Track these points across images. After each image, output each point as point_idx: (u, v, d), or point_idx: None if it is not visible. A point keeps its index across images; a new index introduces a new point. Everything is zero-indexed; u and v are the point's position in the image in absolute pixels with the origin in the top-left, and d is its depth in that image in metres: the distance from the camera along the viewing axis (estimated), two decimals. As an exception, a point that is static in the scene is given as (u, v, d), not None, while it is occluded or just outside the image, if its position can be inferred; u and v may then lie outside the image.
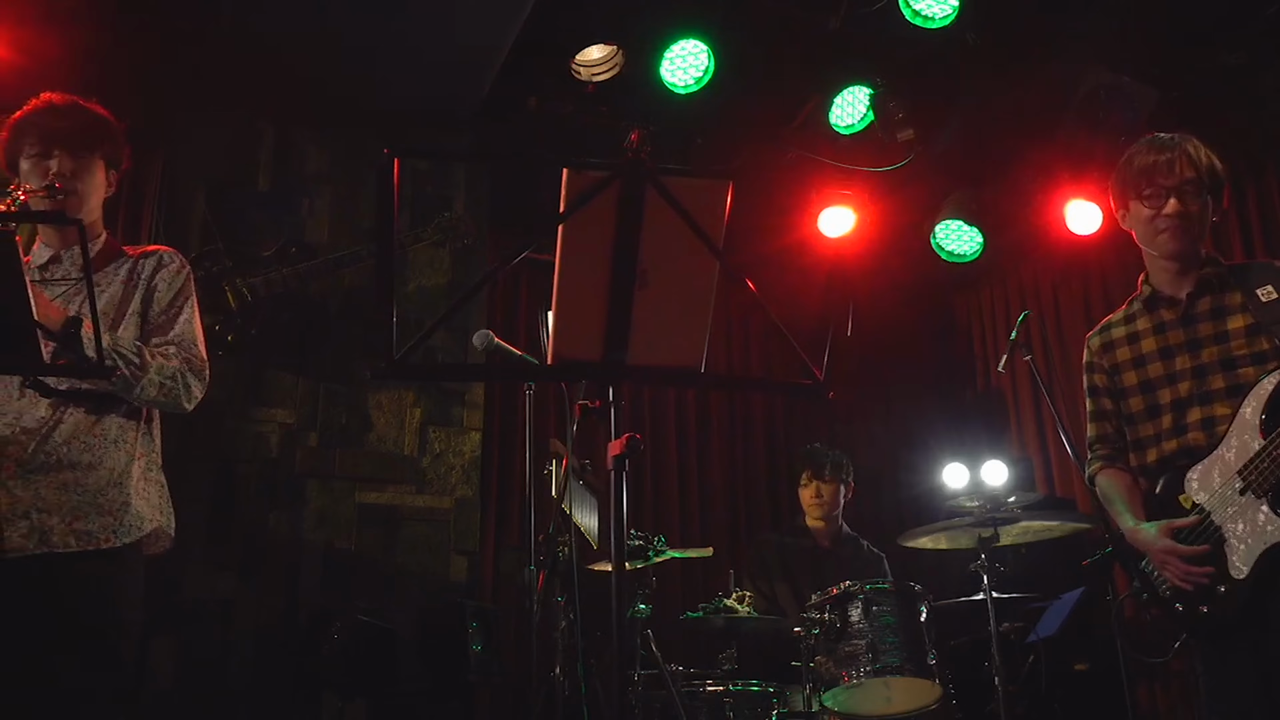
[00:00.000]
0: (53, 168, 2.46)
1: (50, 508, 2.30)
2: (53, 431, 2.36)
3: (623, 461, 1.52)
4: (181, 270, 2.60)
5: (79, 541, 2.31)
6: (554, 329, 1.58)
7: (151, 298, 2.53)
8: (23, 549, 2.26)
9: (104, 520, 2.35)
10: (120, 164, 2.64)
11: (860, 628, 3.55)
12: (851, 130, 4.93)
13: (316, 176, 4.79)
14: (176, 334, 2.51)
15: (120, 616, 2.37)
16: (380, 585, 4.35)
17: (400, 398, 4.63)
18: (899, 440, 6.17)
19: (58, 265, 2.54)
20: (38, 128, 2.49)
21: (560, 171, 4.85)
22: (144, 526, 2.44)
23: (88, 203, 2.51)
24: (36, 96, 2.54)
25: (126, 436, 2.45)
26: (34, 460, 2.33)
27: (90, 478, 2.36)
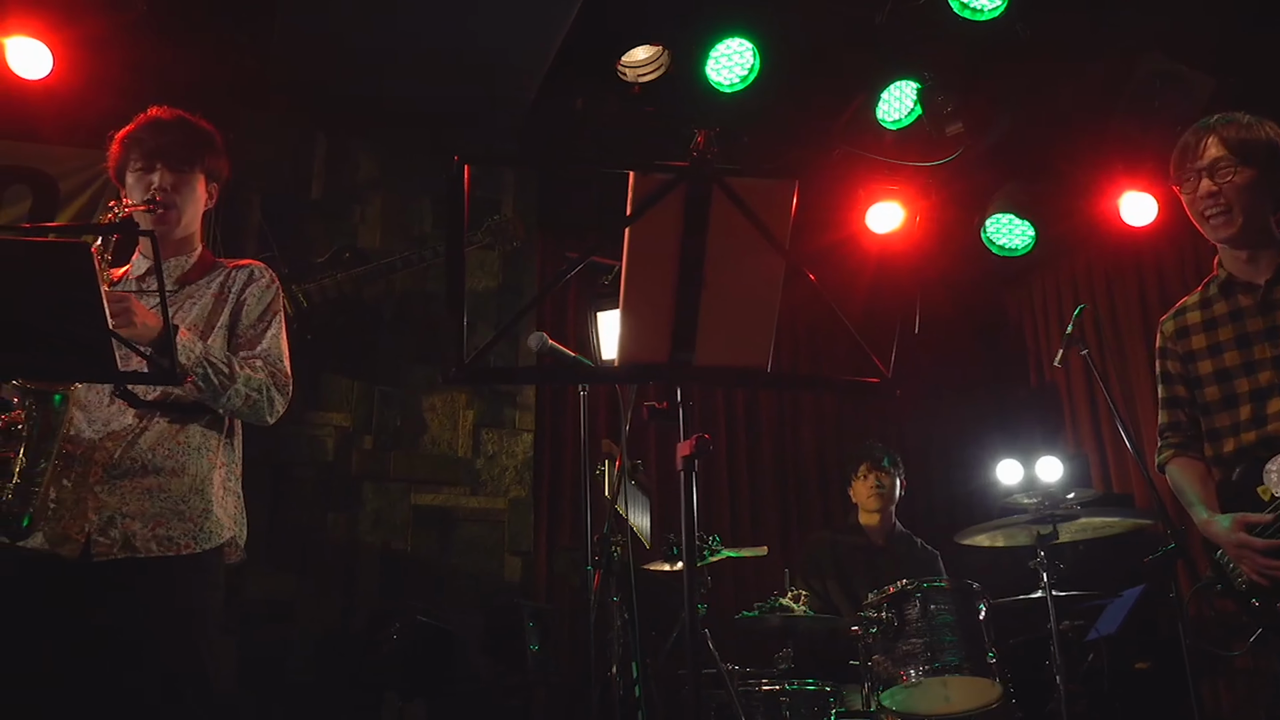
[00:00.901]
0: (154, 182, 2.52)
1: (134, 513, 2.35)
2: (139, 438, 2.41)
3: (692, 462, 1.52)
4: (271, 286, 2.64)
5: (160, 547, 2.35)
6: (621, 331, 1.59)
7: (240, 311, 2.57)
8: (108, 553, 2.31)
9: (185, 526, 2.40)
10: (221, 177, 2.70)
11: (918, 626, 3.52)
12: (899, 125, 4.90)
13: (367, 183, 4.86)
14: (264, 348, 2.55)
15: (201, 620, 2.42)
16: (436, 586, 4.41)
17: (453, 400, 4.68)
18: (950, 437, 6.12)
19: (153, 277, 2.59)
20: (142, 143, 2.55)
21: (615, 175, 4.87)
22: (223, 534, 2.48)
23: (185, 215, 2.57)
24: (144, 112, 2.60)
25: (209, 445, 2.50)
26: (120, 465, 2.37)
27: (173, 484, 2.41)
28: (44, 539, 2.29)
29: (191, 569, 2.40)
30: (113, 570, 2.31)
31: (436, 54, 4.46)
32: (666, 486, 5.33)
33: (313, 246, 4.59)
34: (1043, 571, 3.74)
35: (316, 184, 4.77)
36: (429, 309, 4.78)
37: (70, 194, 4.46)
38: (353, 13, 4.22)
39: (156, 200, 2.50)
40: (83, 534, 2.31)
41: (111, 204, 2.47)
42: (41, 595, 2.30)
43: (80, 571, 2.30)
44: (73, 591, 2.32)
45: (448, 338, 1.41)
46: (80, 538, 2.31)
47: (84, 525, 2.31)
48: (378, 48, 4.42)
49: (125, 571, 2.32)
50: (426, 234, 4.86)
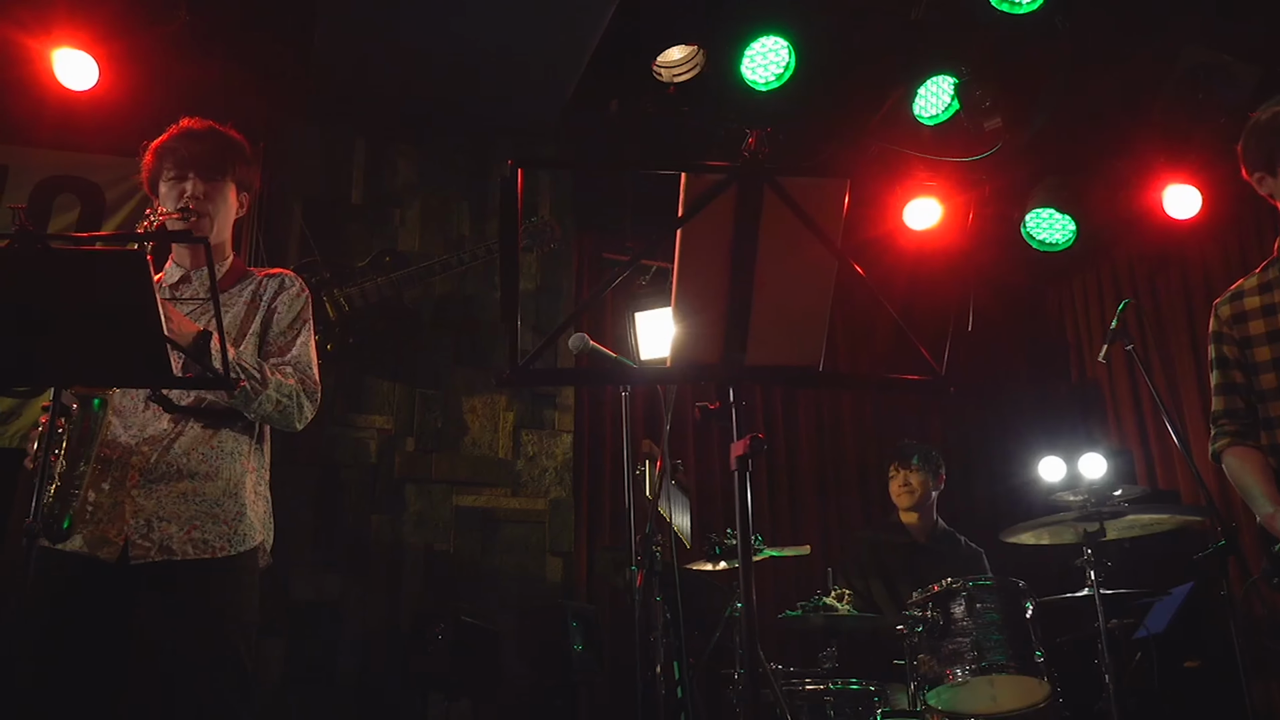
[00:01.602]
0: (187, 190, 2.56)
1: (170, 516, 2.39)
2: (174, 443, 2.45)
3: (746, 462, 1.52)
4: (301, 294, 2.68)
5: (196, 550, 2.39)
6: (674, 331, 1.60)
7: (271, 319, 2.61)
8: (145, 555, 2.35)
9: (220, 529, 2.43)
10: (251, 186, 2.74)
11: (964, 625, 3.50)
12: (936, 121, 4.87)
13: (406, 187, 4.91)
14: (294, 356, 2.58)
15: (239, 621, 2.44)
16: (479, 586, 4.44)
17: (493, 402, 4.72)
18: (991, 434, 6.06)
19: (187, 284, 2.63)
20: (175, 153, 2.59)
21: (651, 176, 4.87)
22: (255, 537, 2.51)
23: (217, 223, 2.60)
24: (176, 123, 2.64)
25: (241, 450, 2.53)
26: (156, 470, 2.42)
27: (208, 487, 2.45)
28: (83, 542, 2.33)
29: (227, 571, 2.43)
30: (151, 573, 2.36)
31: (473, 59, 4.49)
32: (704, 486, 5.33)
33: (354, 251, 4.64)
34: (1090, 569, 3.69)
35: (356, 189, 4.82)
36: (468, 311, 4.82)
37: (116, 202, 4.54)
38: (391, 20, 4.25)
39: (189, 209, 2.54)
40: (121, 537, 2.35)
41: (148, 212, 2.51)
42: (82, 597, 2.34)
43: (119, 574, 2.35)
44: (112, 593, 2.36)
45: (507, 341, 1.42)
46: (119, 540, 2.35)
47: (122, 528, 2.35)
48: (415, 53, 4.46)
49: (163, 574, 2.36)
50: (464, 236, 4.90)
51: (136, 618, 2.40)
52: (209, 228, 2.58)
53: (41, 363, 2.11)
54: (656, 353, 4.45)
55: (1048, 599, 3.84)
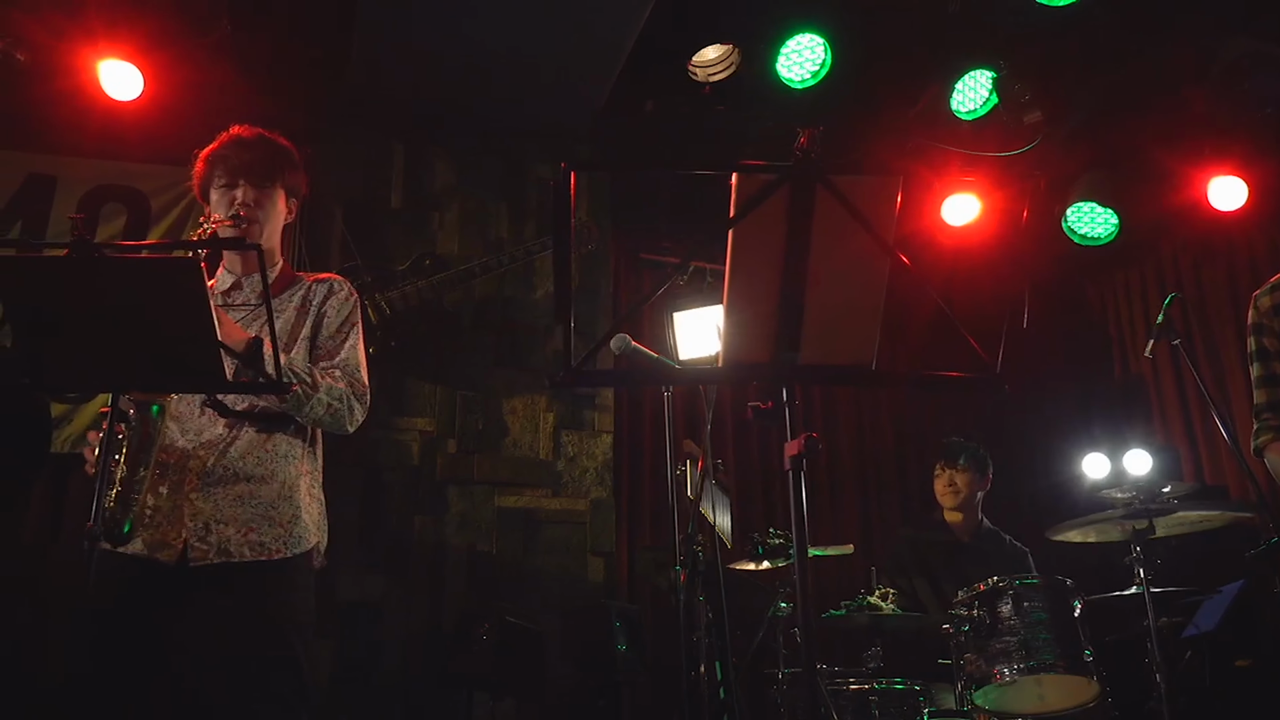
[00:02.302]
0: (238, 197, 2.59)
1: (228, 519, 2.42)
2: (230, 447, 2.48)
3: (800, 461, 1.52)
4: (350, 298, 2.70)
5: (253, 552, 2.42)
6: (725, 331, 1.60)
7: (321, 323, 2.64)
8: (204, 558, 2.38)
9: (276, 531, 2.46)
10: (299, 192, 2.76)
11: (1011, 624, 3.47)
12: (974, 115, 4.83)
13: (444, 191, 4.94)
14: (343, 359, 2.61)
15: (295, 622, 2.47)
16: (521, 586, 4.46)
17: (533, 403, 4.74)
18: (1033, 431, 6.00)
19: (239, 291, 2.67)
20: (226, 160, 2.62)
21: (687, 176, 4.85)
22: (310, 539, 2.54)
23: (266, 230, 2.63)
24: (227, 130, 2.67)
25: (295, 453, 2.56)
26: (213, 473, 2.45)
27: (263, 490, 2.48)
28: (143, 545, 2.37)
29: (283, 572, 2.46)
30: (209, 575, 2.39)
31: (509, 63, 4.52)
32: (744, 486, 5.32)
33: (394, 254, 4.68)
34: (1139, 567, 3.64)
35: (396, 194, 4.87)
36: (507, 313, 4.84)
37: (161, 210, 4.61)
38: (428, 25, 4.28)
39: (240, 215, 2.57)
40: (180, 540, 2.38)
41: (201, 220, 2.55)
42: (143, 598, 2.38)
43: (178, 576, 2.38)
44: (172, 595, 2.40)
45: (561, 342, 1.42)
46: (178, 544, 2.38)
47: (181, 531, 2.39)
48: (452, 58, 4.49)
49: (221, 576, 2.39)
50: (503, 239, 4.93)
51: (195, 619, 2.44)
52: (259, 234, 2.61)
53: (99, 369, 2.15)
54: (695, 352, 4.45)
55: (1094, 597, 3.80)
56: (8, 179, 4.46)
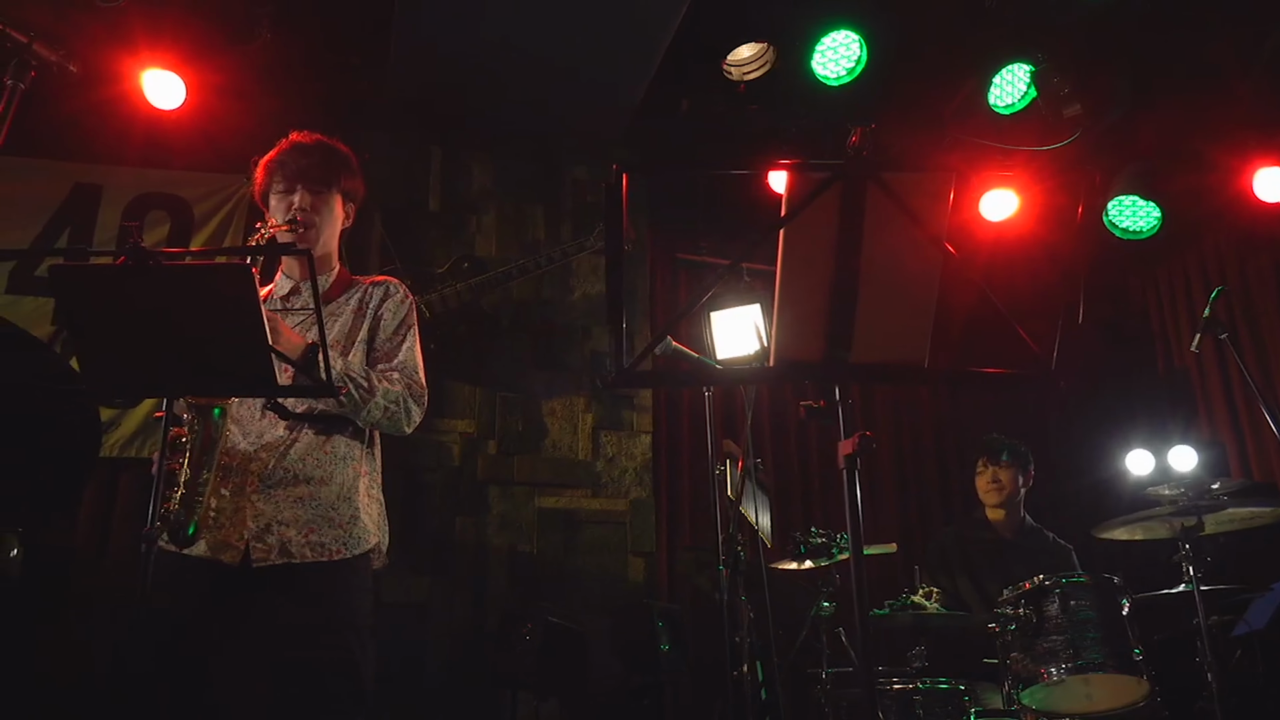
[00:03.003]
0: (294, 202, 2.62)
1: (288, 520, 2.45)
2: (289, 449, 2.51)
3: (855, 460, 1.52)
4: (405, 300, 2.72)
5: (314, 552, 2.45)
6: (776, 330, 1.59)
7: (378, 326, 2.66)
8: (266, 558, 2.41)
9: (335, 533, 2.49)
10: (357, 197, 2.79)
11: (1058, 623, 3.43)
12: (1012, 110, 4.78)
13: (481, 193, 4.97)
14: (400, 361, 2.63)
15: (353, 623, 2.49)
16: (562, 586, 4.48)
17: (572, 404, 4.75)
18: (1075, 427, 5.93)
19: (297, 296, 2.70)
20: (284, 166, 2.65)
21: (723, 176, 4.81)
22: (369, 540, 2.57)
23: (323, 235, 2.66)
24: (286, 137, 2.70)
25: (353, 454, 2.59)
26: (274, 475, 2.48)
27: (322, 492, 2.50)
28: (206, 546, 2.40)
29: (343, 573, 2.49)
30: (271, 576, 2.42)
31: (544, 65, 4.53)
32: (783, 486, 5.30)
33: (432, 257, 4.71)
34: (1188, 565, 3.59)
35: (434, 197, 4.90)
36: (545, 315, 4.86)
37: (204, 217, 4.68)
38: (463, 29, 4.31)
39: (297, 220, 2.60)
40: (242, 541, 2.41)
41: (258, 225, 2.58)
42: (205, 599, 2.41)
43: (240, 577, 2.41)
44: (234, 596, 2.43)
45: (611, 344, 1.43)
46: (240, 545, 2.41)
47: (243, 533, 2.42)
48: (487, 61, 4.51)
49: (283, 577, 2.42)
50: (539, 241, 4.95)
51: (257, 619, 2.47)
52: (315, 239, 2.63)
53: (153, 375, 2.19)
54: (732, 352, 4.44)
55: (1140, 595, 3.75)
56: (56, 188, 4.55)
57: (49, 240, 4.47)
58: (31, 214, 4.46)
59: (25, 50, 1.99)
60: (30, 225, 4.46)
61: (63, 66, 2.04)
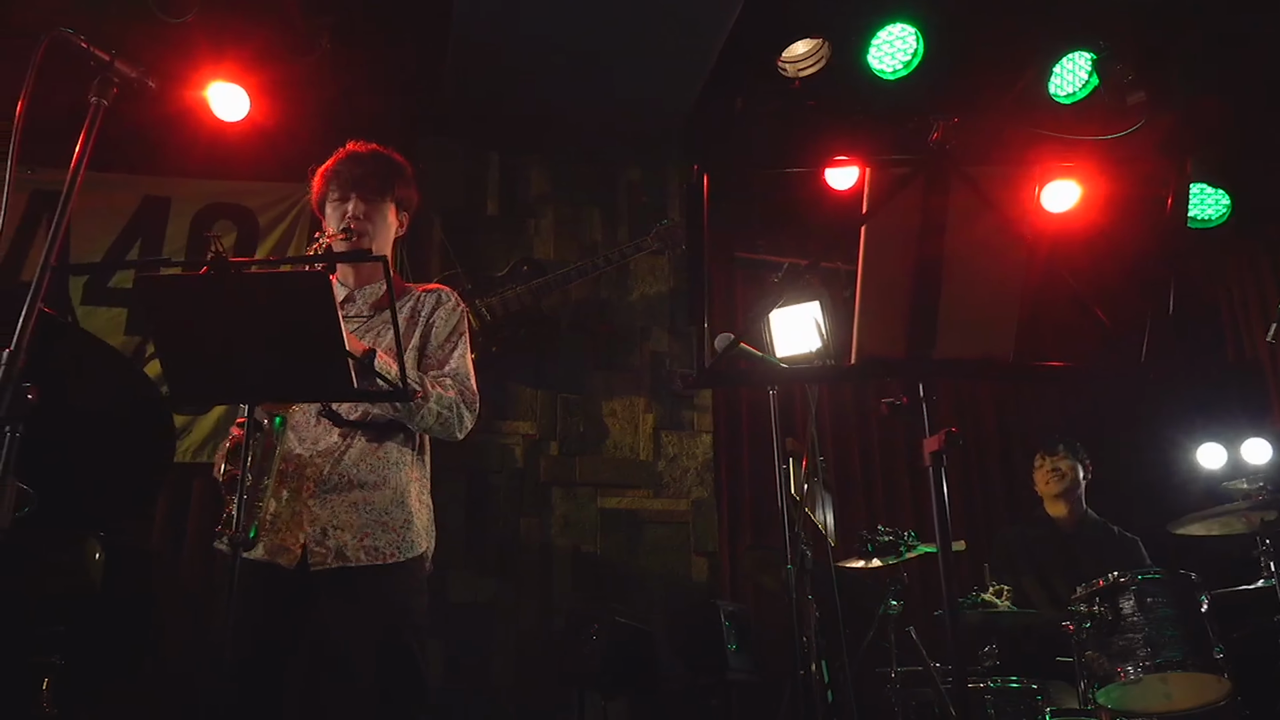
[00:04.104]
0: (349, 210, 2.66)
1: (344, 524, 2.49)
2: (344, 454, 2.55)
3: (940, 457, 1.50)
4: (457, 308, 2.76)
5: (368, 556, 2.49)
6: (857, 327, 1.59)
7: (429, 333, 2.70)
8: (323, 562, 2.46)
9: (389, 537, 2.53)
10: (411, 205, 2.83)
11: (1135, 621, 3.36)
12: (1073, 99, 4.72)
13: (539, 197, 5.01)
14: (452, 368, 2.66)
15: (411, 624, 2.54)
16: (626, 586, 4.49)
17: (632, 405, 4.77)
18: (1141, 421, 5.81)
19: (351, 303, 2.74)
20: (339, 175, 2.71)
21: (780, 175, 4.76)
22: (421, 544, 2.60)
23: (377, 242, 2.70)
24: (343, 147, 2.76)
25: (405, 460, 2.63)
26: (329, 480, 2.53)
27: (376, 497, 2.54)
28: (264, 550, 2.45)
29: (398, 576, 2.52)
30: (327, 578, 2.46)
31: (601, 69, 4.55)
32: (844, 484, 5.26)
33: (492, 262, 4.75)
34: (1268, 561, 3.51)
35: (492, 201, 4.94)
36: (604, 316, 4.88)
37: (268, 226, 4.77)
38: (519, 33, 4.33)
39: (351, 228, 2.64)
40: (299, 545, 2.46)
41: (317, 235, 2.63)
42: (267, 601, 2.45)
43: (298, 579, 2.46)
44: (293, 598, 2.47)
45: (695, 344, 1.43)
46: (297, 548, 2.46)
47: (300, 537, 2.47)
48: (542, 65, 4.53)
49: (339, 579, 2.46)
50: (597, 242, 4.97)
51: (316, 621, 2.51)
52: (369, 246, 2.67)
53: (235, 381, 2.24)
54: (791, 350, 4.42)
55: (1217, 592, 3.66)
56: (126, 201, 4.67)
57: (121, 252, 4.59)
58: (104, 226, 4.58)
59: (108, 68, 2.03)
60: (103, 237, 4.58)
61: (142, 82, 2.08)
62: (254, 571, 2.42)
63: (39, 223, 4.52)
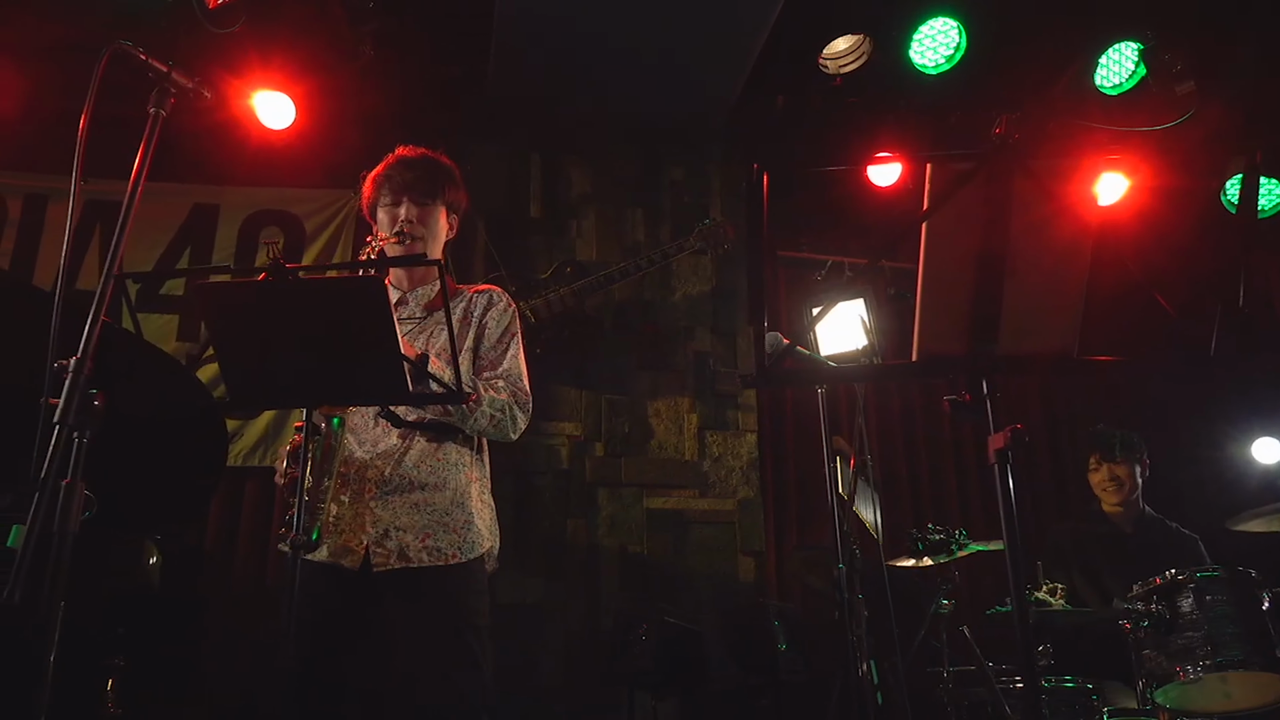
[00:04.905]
0: (401, 215, 2.69)
1: (405, 525, 2.52)
2: (404, 456, 2.58)
3: (1006, 455, 1.49)
4: (509, 309, 2.78)
5: (430, 557, 2.51)
6: (918, 324, 1.57)
7: (482, 334, 2.72)
8: (385, 563, 2.49)
9: (451, 537, 2.55)
10: (460, 209, 2.85)
11: (1194, 619, 3.30)
12: (1119, 90, 4.65)
13: (581, 198, 5.02)
14: (505, 369, 2.68)
15: (474, 624, 2.55)
16: (673, 586, 4.49)
17: (676, 405, 4.76)
18: (1191, 414, 5.70)
19: (404, 306, 2.77)
20: (391, 180, 2.73)
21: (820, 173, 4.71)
22: (483, 543, 2.62)
23: (429, 245, 2.73)
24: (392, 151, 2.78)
25: (464, 461, 2.65)
26: (390, 482, 2.55)
27: (437, 498, 2.56)
28: (327, 552, 2.48)
29: (460, 577, 2.54)
30: (390, 579, 2.48)
31: (640, 70, 4.56)
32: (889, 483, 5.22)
33: (535, 263, 4.78)
34: (1332, 557, 3.43)
35: (534, 203, 4.96)
36: (647, 316, 4.88)
37: (315, 232, 4.82)
38: (561, 34, 4.35)
39: (404, 232, 2.66)
40: (362, 546, 2.49)
41: (368, 239, 2.65)
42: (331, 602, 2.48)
43: (361, 581, 2.48)
44: (356, 599, 2.50)
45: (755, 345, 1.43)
46: (360, 550, 2.48)
47: (362, 538, 2.49)
48: (583, 66, 4.55)
49: (401, 580, 2.48)
50: (639, 243, 4.97)
51: (380, 622, 2.54)
52: (421, 250, 2.70)
53: (293, 386, 2.27)
54: (837, 347, 4.39)
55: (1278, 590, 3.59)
56: (176, 209, 4.74)
57: (172, 259, 4.67)
58: (155, 235, 4.66)
59: (165, 79, 2.07)
60: (154, 246, 4.66)
61: (198, 93, 2.12)
62: (317, 573, 2.46)
63: (91, 231, 4.61)
